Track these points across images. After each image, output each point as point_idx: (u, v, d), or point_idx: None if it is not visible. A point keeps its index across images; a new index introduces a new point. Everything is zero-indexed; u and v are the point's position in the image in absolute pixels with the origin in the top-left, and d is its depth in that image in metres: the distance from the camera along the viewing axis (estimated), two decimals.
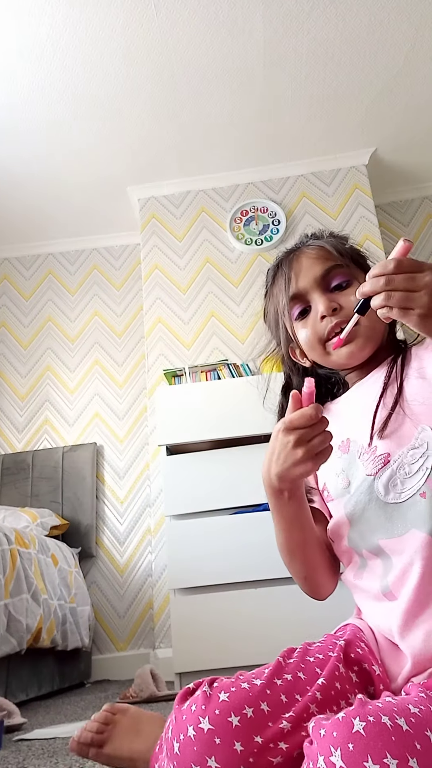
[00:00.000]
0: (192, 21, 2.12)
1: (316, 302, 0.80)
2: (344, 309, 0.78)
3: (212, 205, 2.93)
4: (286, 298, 0.82)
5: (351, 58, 2.35)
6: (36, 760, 1.11)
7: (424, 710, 0.48)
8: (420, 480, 0.67)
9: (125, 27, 2.11)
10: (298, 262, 0.83)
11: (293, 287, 0.82)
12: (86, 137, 2.60)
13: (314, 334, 0.80)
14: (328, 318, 0.78)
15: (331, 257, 0.82)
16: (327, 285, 0.81)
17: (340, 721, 0.46)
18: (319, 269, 0.81)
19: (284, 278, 0.83)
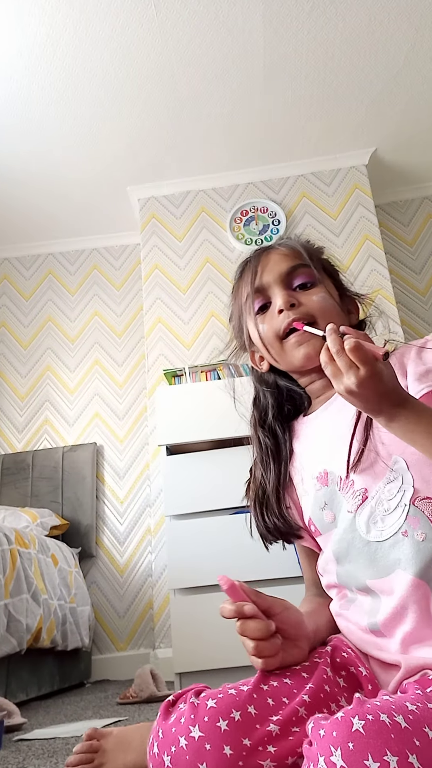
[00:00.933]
0: (192, 21, 2.12)
1: (275, 296, 0.80)
2: (302, 306, 0.78)
3: (212, 205, 2.93)
4: (248, 291, 0.82)
5: (351, 58, 2.35)
6: (36, 760, 1.11)
7: (422, 707, 0.48)
8: (400, 517, 0.66)
9: (125, 27, 2.11)
10: (267, 257, 0.83)
11: (257, 281, 0.82)
12: (86, 137, 2.60)
13: (271, 328, 0.79)
14: (286, 312, 0.77)
15: (300, 258, 0.82)
16: (290, 282, 0.81)
17: (339, 721, 0.46)
18: (285, 266, 0.81)
19: (250, 272, 0.83)
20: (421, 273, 3.05)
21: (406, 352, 0.76)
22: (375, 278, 2.70)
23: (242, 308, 0.84)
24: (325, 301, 0.79)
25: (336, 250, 2.78)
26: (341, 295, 0.86)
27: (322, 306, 0.79)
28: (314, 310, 0.78)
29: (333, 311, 0.80)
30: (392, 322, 2.62)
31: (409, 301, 3.01)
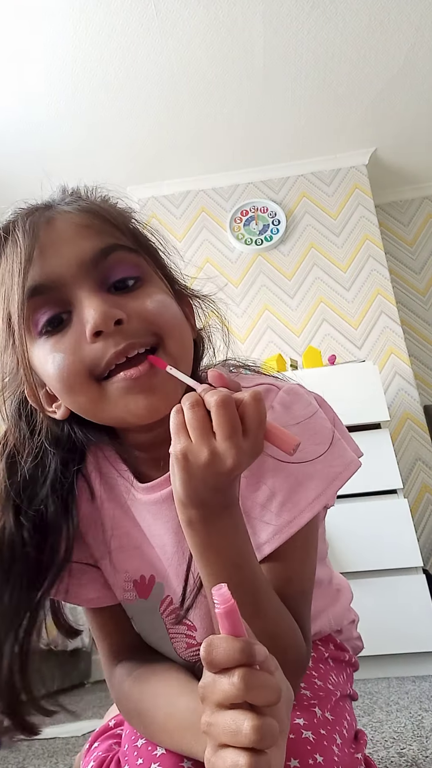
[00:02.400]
0: (192, 21, 2.12)
1: (82, 304, 0.46)
2: (134, 320, 0.47)
3: (212, 205, 2.93)
4: (20, 293, 0.46)
5: (351, 58, 2.34)
6: (36, 760, 1.10)
7: None
8: None
9: (125, 27, 2.11)
10: (51, 228, 0.49)
11: (38, 274, 0.47)
12: (86, 137, 2.60)
13: (77, 362, 0.46)
14: (107, 336, 0.45)
15: (108, 230, 0.50)
16: (103, 278, 0.48)
17: None
18: (90, 247, 0.48)
19: (18, 254, 0.47)
20: (421, 273, 3.05)
21: None
22: (375, 278, 2.70)
23: (10, 316, 0.48)
24: (167, 307, 0.50)
25: (336, 250, 2.78)
26: (173, 289, 0.55)
27: (165, 316, 0.49)
28: (156, 324, 0.48)
29: (181, 323, 0.51)
30: (392, 322, 2.63)
31: (409, 301, 3.01)
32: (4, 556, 0.49)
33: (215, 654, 0.34)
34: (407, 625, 1.67)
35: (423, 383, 2.85)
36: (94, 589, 0.59)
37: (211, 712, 0.34)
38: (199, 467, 0.39)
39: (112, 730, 0.64)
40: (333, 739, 0.51)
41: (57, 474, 0.53)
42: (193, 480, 0.40)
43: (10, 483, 0.51)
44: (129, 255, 0.50)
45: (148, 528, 0.56)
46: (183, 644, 0.56)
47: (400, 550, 1.75)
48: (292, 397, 0.54)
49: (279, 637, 0.46)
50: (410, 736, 0.95)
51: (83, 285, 0.47)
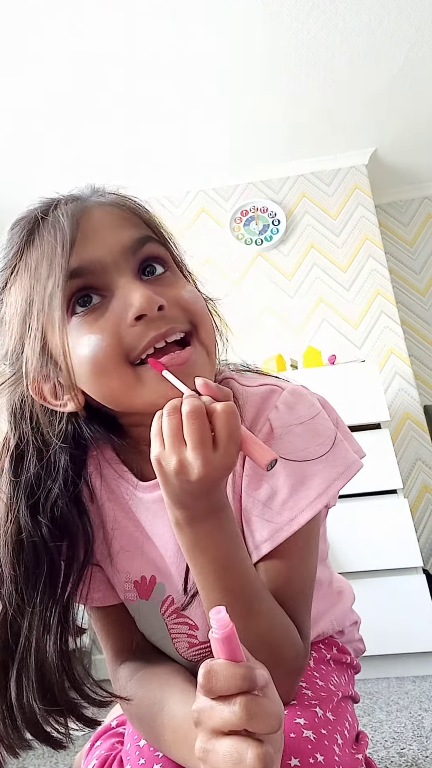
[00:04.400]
0: (192, 21, 2.12)
1: (125, 291, 0.47)
2: (173, 307, 0.48)
3: (212, 205, 2.93)
4: (61, 272, 0.46)
5: (351, 57, 2.34)
6: (36, 760, 1.10)
7: None
8: None
9: (124, 28, 2.11)
10: (89, 217, 0.49)
11: (81, 255, 0.47)
12: (86, 137, 2.60)
13: (115, 343, 0.46)
14: (149, 321, 0.46)
15: (138, 224, 0.52)
16: (139, 264, 0.50)
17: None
18: (128, 235, 0.49)
19: (60, 237, 0.47)
20: (421, 273, 3.05)
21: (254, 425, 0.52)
22: (375, 278, 2.70)
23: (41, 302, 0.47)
24: (198, 298, 0.52)
25: (336, 250, 2.78)
26: None
27: (199, 306, 0.51)
28: (193, 312, 0.50)
29: (208, 317, 0.53)
30: (392, 322, 2.62)
31: (409, 301, 3.01)
32: (28, 557, 0.48)
33: (215, 681, 0.33)
34: (407, 625, 1.67)
35: (423, 383, 2.85)
36: (97, 588, 0.59)
37: (207, 738, 0.33)
38: (170, 474, 0.40)
39: (114, 729, 0.64)
40: (334, 739, 0.51)
41: (68, 473, 0.52)
42: (168, 485, 0.41)
43: (20, 482, 0.50)
44: (159, 247, 0.52)
45: (150, 527, 0.55)
46: (185, 644, 0.56)
47: (400, 550, 1.75)
48: (296, 398, 0.54)
49: (273, 637, 0.46)
50: (410, 736, 0.95)
51: (123, 271, 0.48)
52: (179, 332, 0.48)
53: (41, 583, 0.48)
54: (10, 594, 0.47)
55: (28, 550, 0.48)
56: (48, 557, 0.49)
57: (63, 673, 0.48)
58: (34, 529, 0.49)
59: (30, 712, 0.46)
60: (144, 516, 0.55)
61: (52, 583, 0.49)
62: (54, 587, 0.49)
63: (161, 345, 0.46)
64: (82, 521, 0.53)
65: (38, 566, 0.48)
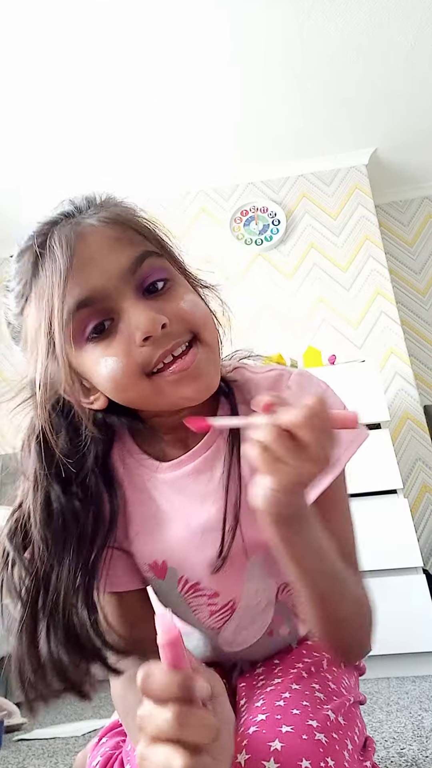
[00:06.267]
0: (192, 21, 2.12)
1: (129, 315, 0.50)
2: (174, 322, 0.51)
3: (212, 205, 2.93)
4: (69, 305, 0.49)
5: (351, 57, 2.34)
6: (36, 760, 1.11)
7: None
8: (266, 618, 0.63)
9: (125, 29, 2.11)
10: (84, 243, 0.51)
11: (83, 288, 0.50)
12: (87, 137, 2.60)
13: (131, 364, 0.50)
14: (155, 340, 0.50)
15: (135, 238, 0.53)
16: (140, 284, 0.52)
17: None
18: (125, 257, 0.51)
19: (59, 270, 0.50)
20: (421, 273, 3.05)
21: None
22: (375, 278, 2.70)
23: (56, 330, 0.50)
24: (197, 306, 0.55)
25: (336, 250, 2.78)
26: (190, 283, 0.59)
27: (198, 314, 0.54)
28: (192, 323, 0.53)
29: (209, 317, 0.56)
30: (392, 322, 2.63)
31: (409, 301, 3.01)
32: (57, 524, 0.53)
33: (150, 684, 0.34)
34: (407, 625, 1.67)
35: (423, 383, 2.85)
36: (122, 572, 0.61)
37: (145, 744, 0.34)
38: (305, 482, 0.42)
39: (120, 727, 0.65)
40: (344, 745, 0.51)
41: (97, 456, 0.58)
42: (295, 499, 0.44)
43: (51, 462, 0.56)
44: (158, 260, 0.53)
45: (171, 505, 0.59)
46: (206, 613, 0.60)
47: (400, 550, 1.75)
48: (305, 378, 0.60)
49: (362, 608, 0.54)
50: (410, 736, 0.95)
51: (125, 294, 0.51)
52: (183, 344, 0.52)
53: (70, 545, 0.52)
54: (42, 554, 0.51)
55: (57, 518, 0.53)
56: (76, 524, 0.53)
57: (89, 623, 0.51)
58: (66, 500, 0.54)
59: (59, 662, 0.49)
60: (166, 495, 0.59)
61: (80, 545, 0.53)
62: (81, 548, 0.53)
63: (169, 359, 0.51)
64: (109, 493, 0.57)
65: (66, 531, 0.53)
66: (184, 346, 0.52)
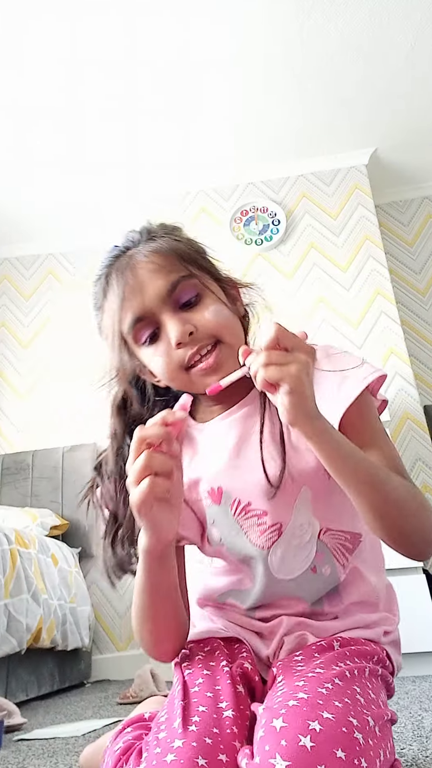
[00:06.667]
0: (192, 21, 2.12)
1: (167, 326, 0.68)
2: (200, 330, 0.68)
3: (212, 205, 2.93)
4: (129, 322, 0.70)
5: (351, 57, 2.35)
6: (36, 760, 1.11)
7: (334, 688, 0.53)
8: (309, 554, 0.69)
9: (125, 28, 2.11)
10: (135, 276, 0.70)
11: (135, 309, 0.69)
12: (87, 137, 2.60)
13: (172, 362, 0.69)
14: (185, 344, 0.68)
15: (173, 266, 0.70)
16: (176, 302, 0.70)
17: None
18: (163, 284, 0.69)
19: (118, 297, 0.70)
20: (421, 273, 3.05)
21: None
22: (375, 278, 2.70)
23: (124, 336, 0.71)
24: (219, 313, 0.71)
25: (336, 250, 2.78)
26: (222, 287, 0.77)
27: (219, 321, 0.70)
28: (214, 329, 0.69)
29: (230, 320, 0.72)
30: (392, 322, 2.63)
31: (409, 301, 3.01)
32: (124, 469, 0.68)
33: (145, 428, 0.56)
34: (407, 625, 1.66)
35: (423, 383, 2.85)
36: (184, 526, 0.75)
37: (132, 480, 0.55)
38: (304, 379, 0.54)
39: (146, 721, 0.66)
40: (378, 754, 0.50)
41: None
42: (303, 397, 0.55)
43: (124, 419, 0.76)
44: (190, 281, 0.70)
45: (211, 450, 0.75)
46: (256, 533, 0.70)
47: None
48: (326, 346, 0.78)
49: (417, 497, 0.62)
50: (410, 736, 0.95)
51: (164, 310, 0.69)
52: (207, 346, 0.69)
53: None
54: (115, 487, 0.71)
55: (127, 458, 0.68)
56: None
57: None
58: None
59: (127, 554, 0.70)
60: (208, 443, 0.76)
61: None
62: None
63: (197, 358, 0.69)
64: None
65: None
66: (209, 347, 0.69)
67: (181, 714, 0.55)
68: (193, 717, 0.55)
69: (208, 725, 0.54)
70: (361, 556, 0.75)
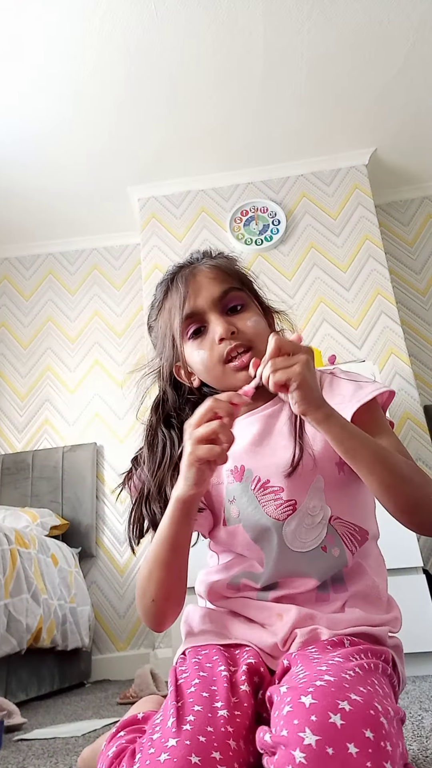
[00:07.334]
0: (192, 21, 2.12)
1: (213, 324, 0.81)
2: (240, 332, 0.80)
3: (212, 205, 2.93)
4: (180, 316, 0.82)
5: (351, 57, 2.35)
6: (36, 760, 1.11)
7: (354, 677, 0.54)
8: (321, 533, 0.75)
9: (125, 27, 2.11)
10: (195, 280, 0.84)
11: (190, 305, 0.82)
12: (87, 137, 2.60)
13: (213, 355, 0.80)
14: (227, 341, 0.79)
15: (228, 280, 0.84)
16: (224, 306, 0.82)
17: None
18: (217, 290, 0.82)
19: (179, 295, 0.83)
20: (421, 273, 3.05)
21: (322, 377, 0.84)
22: (375, 278, 2.70)
23: (173, 330, 0.84)
24: (258, 324, 0.83)
25: (336, 250, 2.78)
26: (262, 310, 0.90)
27: (257, 330, 0.82)
28: (251, 335, 0.81)
29: (265, 333, 0.83)
30: (392, 322, 2.63)
31: (409, 301, 3.01)
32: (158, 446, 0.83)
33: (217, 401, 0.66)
34: (407, 625, 1.65)
35: (423, 383, 2.85)
36: None
37: (192, 443, 0.64)
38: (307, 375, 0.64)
39: (140, 723, 0.67)
40: (397, 745, 0.51)
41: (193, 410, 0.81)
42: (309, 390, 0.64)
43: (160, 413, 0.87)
44: (238, 293, 0.84)
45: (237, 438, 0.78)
46: (272, 506, 0.76)
47: (400, 550, 1.75)
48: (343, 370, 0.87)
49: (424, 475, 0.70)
50: (410, 736, 0.95)
51: (213, 311, 0.81)
52: (243, 347, 0.80)
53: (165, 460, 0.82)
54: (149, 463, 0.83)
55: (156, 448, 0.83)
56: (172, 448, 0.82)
57: None
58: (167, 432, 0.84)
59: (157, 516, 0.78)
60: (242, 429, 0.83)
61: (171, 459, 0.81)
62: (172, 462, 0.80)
63: (234, 354, 0.79)
64: None
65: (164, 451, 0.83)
66: (243, 348, 0.80)
67: (175, 714, 0.56)
68: (187, 716, 0.56)
69: (202, 724, 0.55)
70: (367, 557, 0.80)
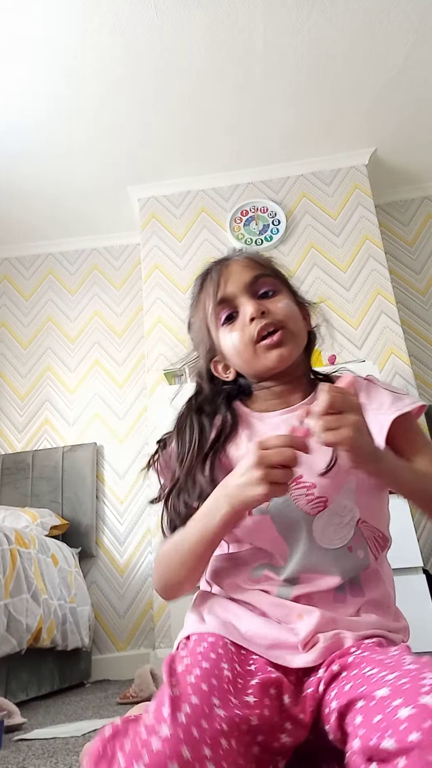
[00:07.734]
0: (192, 21, 2.12)
1: (244, 306, 0.83)
2: (271, 313, 0.82)
3: (212, 205, 2.93)
4: (213, 302, 0.85)
5: (351, 58, 2.35)
6: (36, 760, 1.11)
7: None
8: (349, 533, 0.77)
9: (125, 27, 2.11)
10: (228, 269, 0.87)
11: (222, 291, 0.85)
12: (87, 137, 2.60)
13: (244, 335, 0.82)
14: (257, 320, 0.81)
15: (259, 268, 0.87)
16: (255, 291, 0.85)
17: None
18: (248, 276, 0.85)
19: (213, 284, 0.86)
20: (421, 273, 3.05)
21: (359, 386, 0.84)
22: (375, 278, 2.70)
23: (207, 320, 0.87)
24: (289, 307, 0.85)
25: (336, 250, 2.78)
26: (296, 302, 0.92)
27: (288, 312, 0.84)
28: (282, 316, 0.83)
29: (297, 317, 0.86)
30: (392, 322, 2.63)
31: (409, 301, 3.01)
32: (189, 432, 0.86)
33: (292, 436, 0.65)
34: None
35: (423, 383, 2.85)
36: None
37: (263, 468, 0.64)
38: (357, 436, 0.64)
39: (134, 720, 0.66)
40: None
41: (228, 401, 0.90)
42: (360, 447, 0.64)
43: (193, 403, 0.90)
44: (268, 279, 0.86)
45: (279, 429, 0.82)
46: (304, 500, 0.77)
47: (400, 550, 1.75)
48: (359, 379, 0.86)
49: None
50: None
51: (245, 297, 0.84)
52: (273, 326, 0.81)
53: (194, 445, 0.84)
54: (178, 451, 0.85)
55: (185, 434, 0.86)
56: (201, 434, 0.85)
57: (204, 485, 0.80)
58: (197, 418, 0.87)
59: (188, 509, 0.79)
60: (266, 429, 0.85)
61: (200, 445, 0.83)
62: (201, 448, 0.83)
63: (265, 333, 0.81)
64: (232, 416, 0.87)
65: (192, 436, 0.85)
66: (273, 328, 0.81)
67: (170, 703, 0.56)
68: (183, 705, 0.55)
69: (198, 717, 0.54)
70: (382, 565, 0.82)
